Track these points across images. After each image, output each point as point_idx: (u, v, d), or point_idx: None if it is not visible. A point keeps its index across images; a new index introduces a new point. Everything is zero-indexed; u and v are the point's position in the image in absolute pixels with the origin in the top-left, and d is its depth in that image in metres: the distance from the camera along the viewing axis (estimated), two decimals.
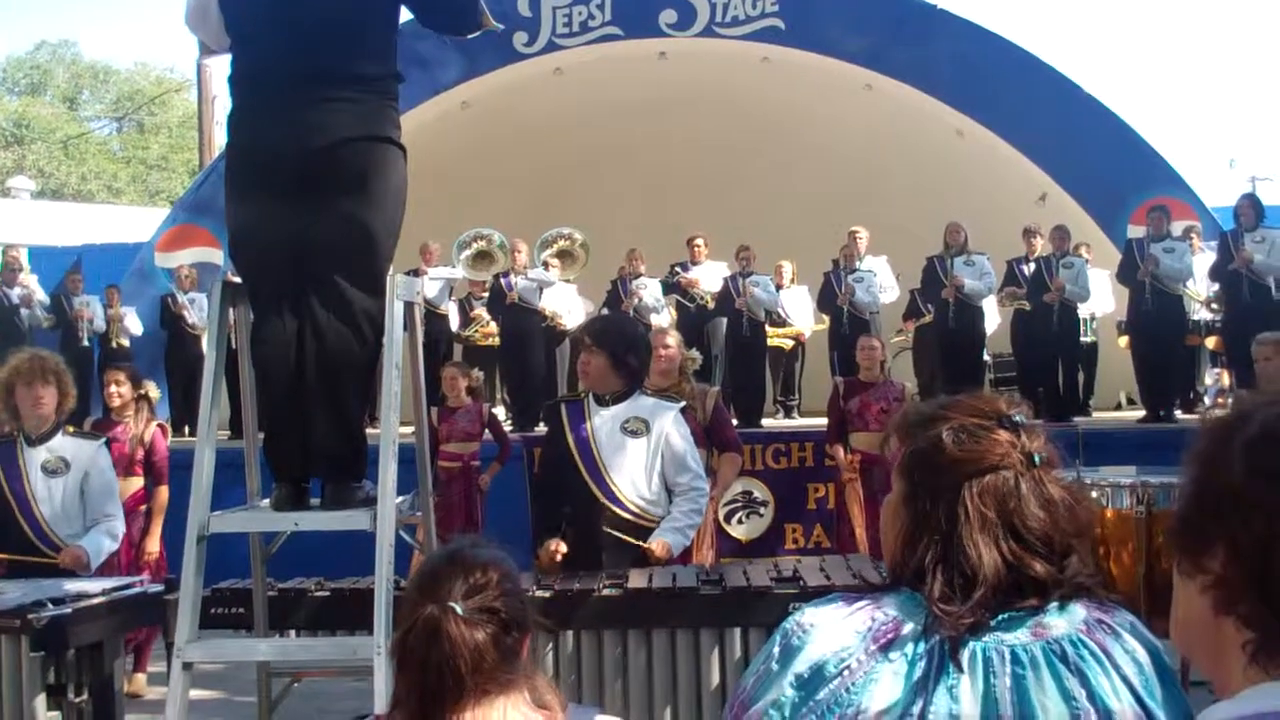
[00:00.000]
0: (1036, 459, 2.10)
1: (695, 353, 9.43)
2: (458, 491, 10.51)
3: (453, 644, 2.31)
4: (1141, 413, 14.10)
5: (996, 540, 2.06)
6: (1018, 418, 2.15)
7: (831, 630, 2.06)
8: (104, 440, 6.80)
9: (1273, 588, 1.33)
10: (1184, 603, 1.45)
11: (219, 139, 25.36)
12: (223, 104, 22.71)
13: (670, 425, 5.64)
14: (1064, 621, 2.03)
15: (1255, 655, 1.36)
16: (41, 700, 4.83)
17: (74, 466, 6.43)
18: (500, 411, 14.03)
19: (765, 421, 14.88)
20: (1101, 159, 16.34)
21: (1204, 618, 1.42)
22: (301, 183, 4.41)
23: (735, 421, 13.61)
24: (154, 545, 8.48)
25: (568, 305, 15.29)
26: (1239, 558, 1.35)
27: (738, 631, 4.69)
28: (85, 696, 5.06)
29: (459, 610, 2.33)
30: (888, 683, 2.00)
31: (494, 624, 2.35)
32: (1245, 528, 1.34)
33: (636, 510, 5.54)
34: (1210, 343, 14.88)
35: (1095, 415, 14.90)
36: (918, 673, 1.99)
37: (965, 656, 1.99)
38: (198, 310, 15.48)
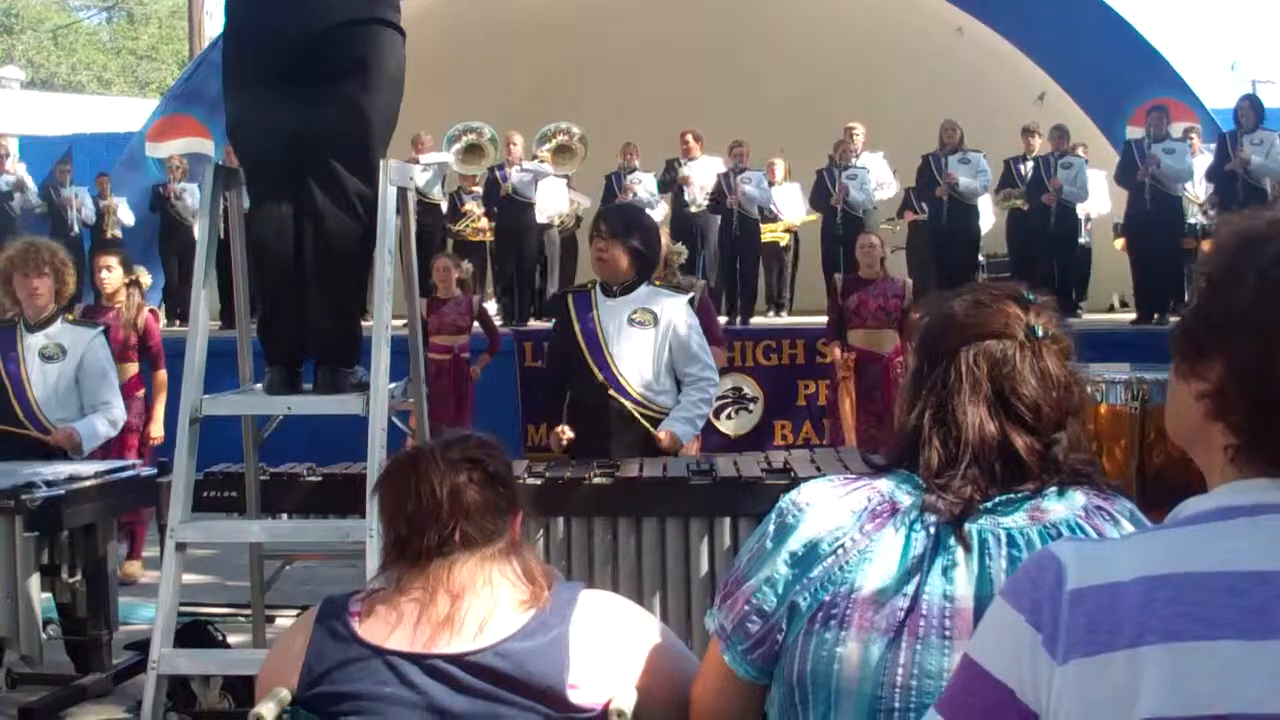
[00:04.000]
0: (1038, 331, 2.09)
1: (680, 246, 9.39)
2: (447, 383, 10.50)
3: (431, 476, 2.36)
4: (1134, 315, 14.10)
5: (986, 405, 2.06)
6: (1030, 295, 2.15)
7: (827, 509, 2.07)
8: (102, 329, 6.79)
9: (1266, 406, 1.43)
10: (1178, 400, 1.55)
11: (209, 29, 25.13)
12: None
13: (678, 316, 5.63)
14: (1062, 506, 2.04)
15: (1234, 458, 1.46)
16: (35, 580, 4.87)
17: (70, 353, 6.44)
18: (491, 306, 14.01)
19: (756, 319, 14.88)
20: (1102, 59, 16.20)
21: (1194, 419, 1.51)
22: (300, 66, 4.37)
23: (725, 319, 13.67)
24: (157, 430, 8.50)
25: (556, 199, 15.24)
26: (1237, 374, 1.44)
27: (727, 521, 4.71)
28: (79, 577, 5.11)
29: (442, 454, 2.39)
30: (882, 562, 2.01)
31: (478, 471, 2.39)
32: (1247, 346, 1.43)
33: (642, 400, 5.55)
34: (1205, 246, 14.81)
35: (1087, 317, 14.88)
36: (913, 553, 2.00)
37: (961, 540, 2.00)
38: (190, 197, 15.46)
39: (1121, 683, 1.36)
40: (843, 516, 2.05)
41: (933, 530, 2.01)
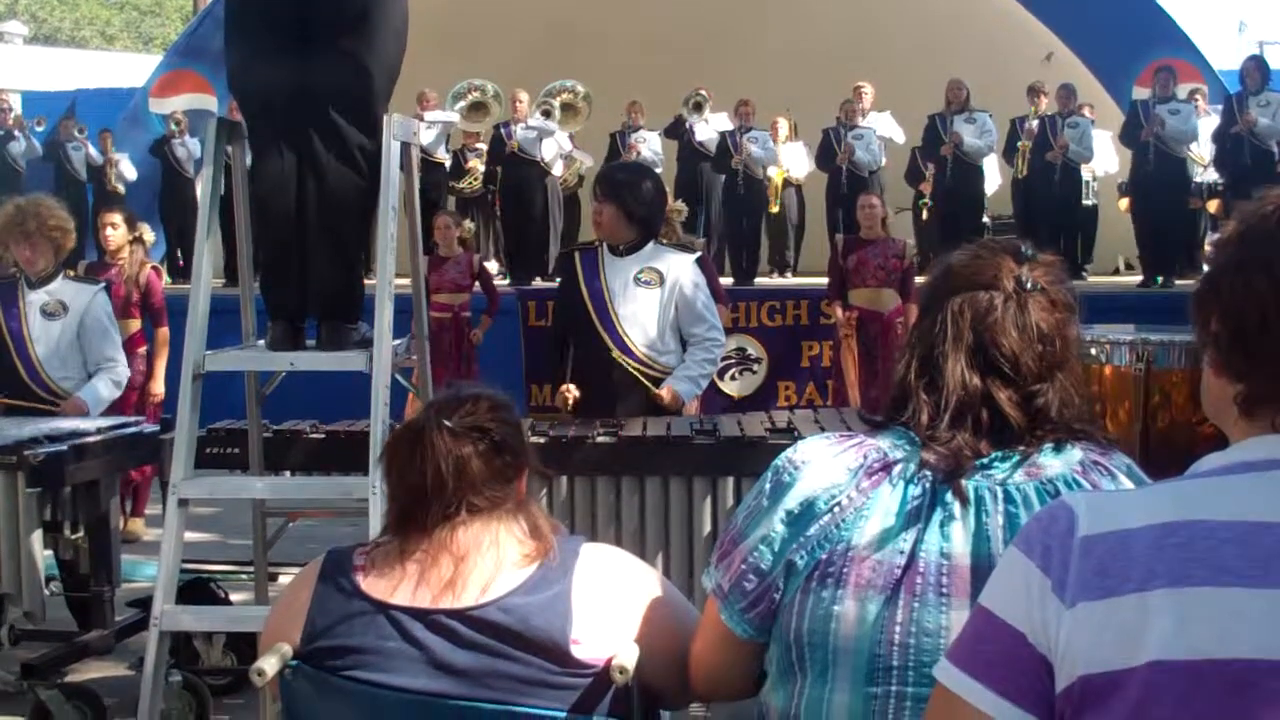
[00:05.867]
0: (1027, 284, 2.08)
1: (680, 204, 9.34)
2: (448, 341, 10.47)
3: (436, 451, 2.34)
4: (1140, 277, 14.06)
5: (967, 355, 2.06)
6: (1029, 251, 2.13)
7: (822, 467, 2.07)
8: (103, 285, 6.77)
9: (1246, 341, 1.50)
10: (1205, 375, 1.61)
11: None
12: None
13: (684, 275, 5.59)
14: (1059, 462, 2.03)
15: (1244, 406, 1.52)
16: (38, 536, 4.86)
17: (71, 310, 6.42)
18: (493, 265, 13.98)
19: (760, 280, 14.86)
20: (1109, 19, 16.10)
21: (1211, 382, 1.58)
22: (301, 18, 4.33)
23: (731, 280, 13.66)
24: (158, 387, 8.48)
25: (560, 144, 15.24)
26: (1224, 318, 1.52)
27: (731, 480, 4.70)
28: (81, 534, 5.11)
29: (448, 424, 2.36)
30: (878, 519, 2.01)
31: (484, 442, 2.38)
32: (1230, 291, 1.51)
33: (647, 360, 5.52)
34: (1211, 206, 14.78)
35: (1092, 279, 14.84)
36: (908, 509, 2.00)
37: (958, 494, 1.99)
38: (184, 148, 15.61)
39: (1129, 626, 1.40)
40: (839, 474, 2.05)
41: (929, 486, 2.01)
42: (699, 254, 5.94)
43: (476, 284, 10.87)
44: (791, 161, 15.80)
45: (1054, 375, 2.07)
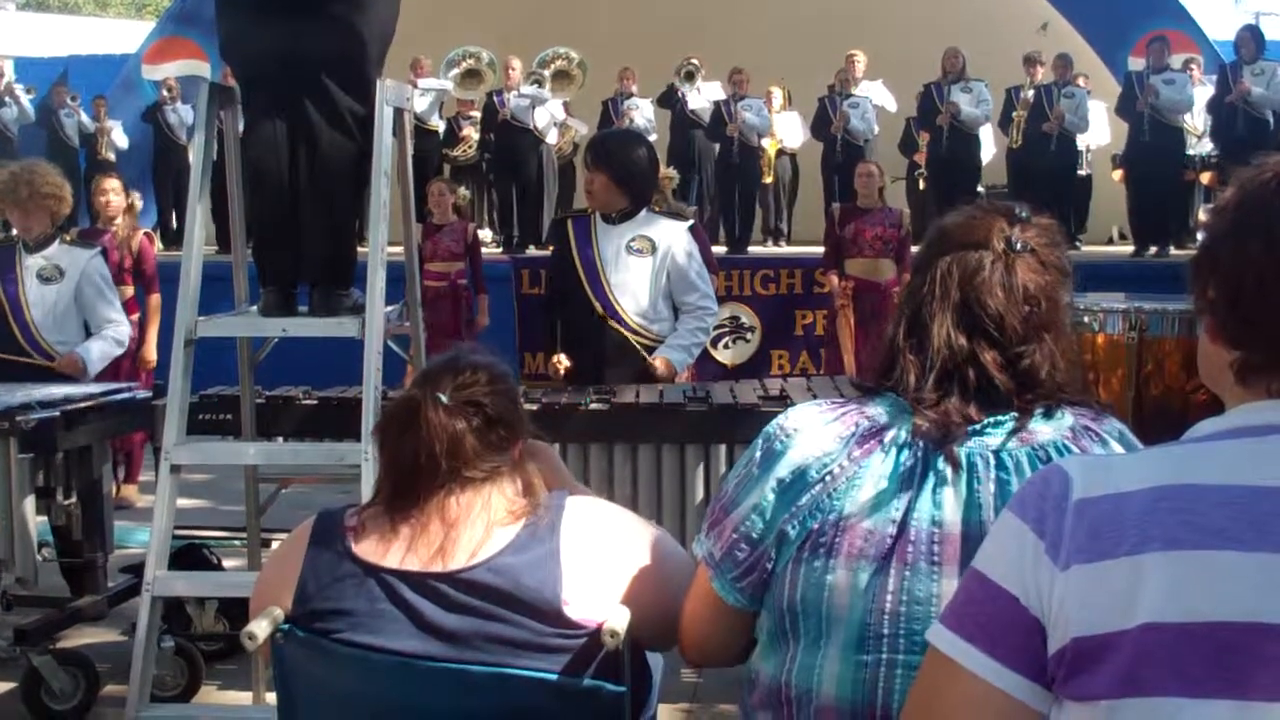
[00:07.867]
0: (1016, 244, 2.06)
1: (672, 170, 9.27)
2: (444, 310, 10.45)
3: (430, 427, 2.33)
4: (1133, 247, 14.05)
5: (953, 314, 2.04)
6: (1023, 213, 2.12)
7: (814, 435, 2.06)
8: (99, 249, 6.77)
9: (1242, 308, 1.50)
10: (1201, 342, 1.61)
11: None
12: None
13: (677, 243, 5.58)
14: (1050, 428, 2.02)
15: (1240, 372, 1.52)
16: (30, 502, 4.85)
17: (68, 275, 6.43)
18: (487, 233, 13.94)
19: (754, 248, 14.84)
20: None
21: (1209, 350, 1.58)
22: None
23: (725, 249, 13.65)
24: (151, 353, 8.48)
25: (554, 113, 15.20)
26: (1221, 284, 1.52)
27: (723, 447, 4.71)
28: (73, 500, 5.10)
29: (443, 399, 2.35)
30: (870, 488, 2.00)
31: (478, 417, 2.36)
32: (1227, 258, 1.51)
33: (638, 328, 5.52)
34: (1205, 178, 14.76)
35: (1085, 249, 14.82)
36: (900, 475, 1.99)
37: (950, 460, 1.99)
38: (177, 115, 15.59)
39: (1122, 588, 1.40)
40: (830, 442, 2.04)
41: (920, 453, 2.00)
42: (691, 222, 5.93)
43: None
44: (786, 131, 15.74)
45: (1040, 337, 2.05)
